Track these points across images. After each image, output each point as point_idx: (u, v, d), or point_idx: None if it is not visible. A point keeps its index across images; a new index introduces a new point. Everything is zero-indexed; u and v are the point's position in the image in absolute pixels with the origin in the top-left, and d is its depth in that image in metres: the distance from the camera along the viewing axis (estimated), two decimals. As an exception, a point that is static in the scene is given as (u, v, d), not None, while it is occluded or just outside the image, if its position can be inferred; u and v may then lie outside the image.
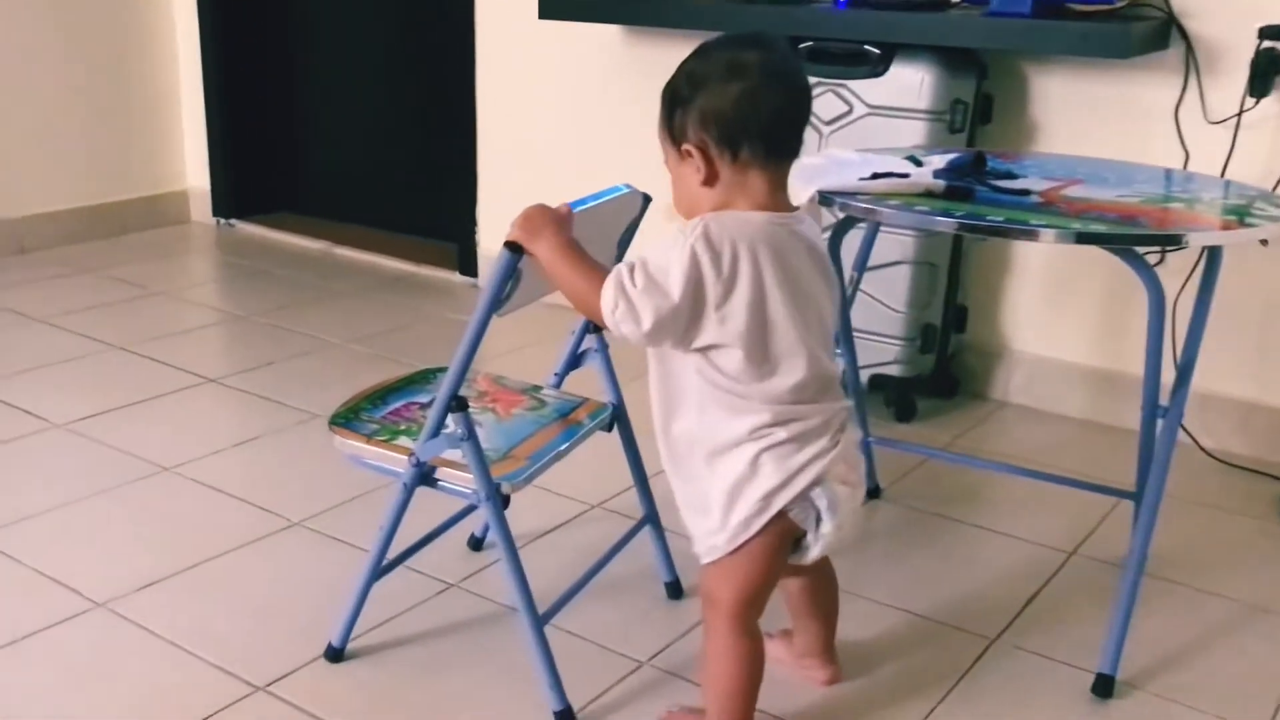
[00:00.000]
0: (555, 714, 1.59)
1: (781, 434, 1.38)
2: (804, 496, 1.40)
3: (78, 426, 2.49)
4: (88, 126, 3.85)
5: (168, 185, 4.13)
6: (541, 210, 1.43)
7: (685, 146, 1.37)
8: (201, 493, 2.23)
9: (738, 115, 1.35)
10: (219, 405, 2.67)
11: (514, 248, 1.41)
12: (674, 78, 1.40)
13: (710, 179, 1.38)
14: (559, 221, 1.43)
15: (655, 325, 1.33)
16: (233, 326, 3.20)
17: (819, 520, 1.42)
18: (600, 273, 1.37)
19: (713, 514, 1.42)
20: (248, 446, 2.44)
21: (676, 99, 1.38)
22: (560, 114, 3.27)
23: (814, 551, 1.45)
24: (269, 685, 1.66)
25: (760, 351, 1.36)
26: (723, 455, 1.40)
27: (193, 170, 4.17)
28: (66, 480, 2.25)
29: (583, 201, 1.51)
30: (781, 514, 1.40)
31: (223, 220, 4.16)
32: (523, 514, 2.12)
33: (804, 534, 1.44)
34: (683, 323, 1.34)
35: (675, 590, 1.91)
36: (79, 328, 3.08)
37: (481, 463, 1.53)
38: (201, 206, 4.18)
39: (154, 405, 2.62)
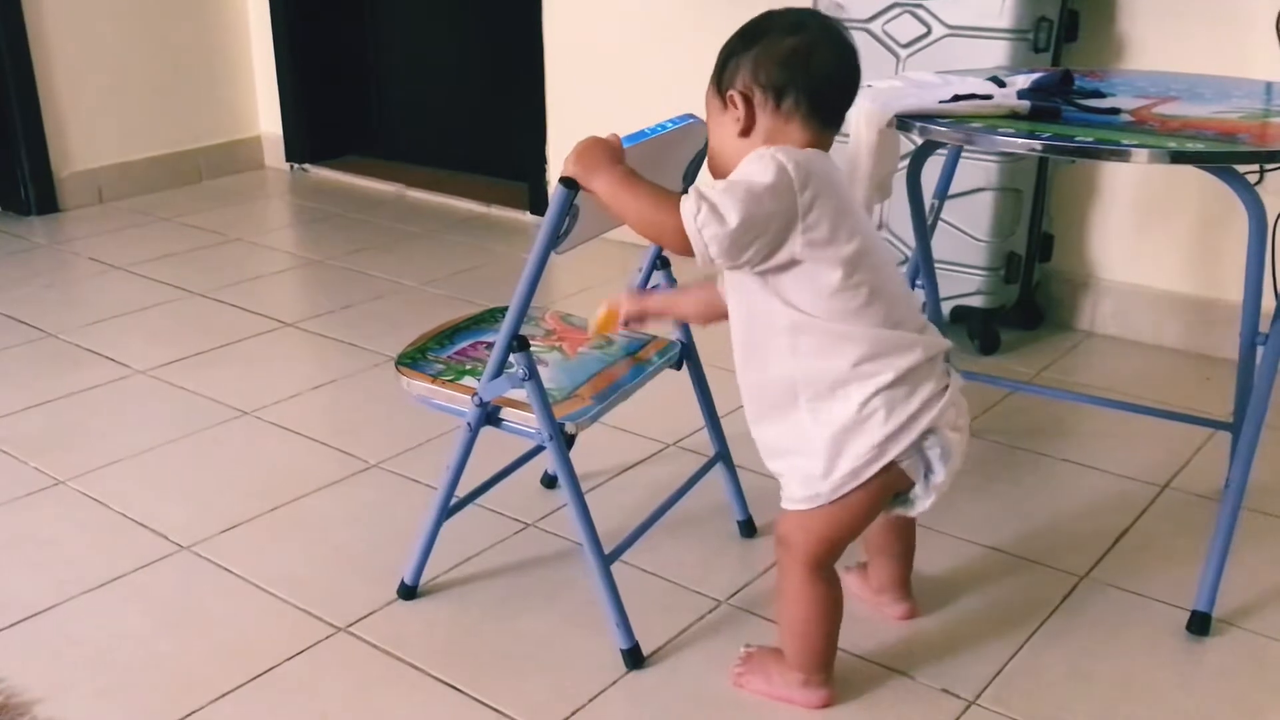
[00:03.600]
0: (623, 652, 1.58)
1: (889, 374, 1.33)
2: (916, 446, 1.35)
3: (159, 372, 2.52)
4: (161, 76, 3.88)
5: (241, 132, 4.16)
6: (596, 142, 1.38)
7: (730, 93, 1.35)
8: (281, 436, 2.25)
9: (789, 65, 1.34)
10: (297, 349, 2.69)
11: (569, 183, 1.38)
12: (732, 36, 1.39)
13: (748, 128, 1.35)
14: (615, 153, 1.38)
15: (744, 222, 1.26)
16: (309, 271, 3.22)
17: (928, 471, 1.37)
18: (668, 194, 1.33)
19: (815, 460, 1.36)
20: (326, 390, 2.46)
21: (732, 51, 1.38)
22: (628, 48, 3.21)
23: (923, 503, 1.41)
24: (350, 626, 1.67)
25: (848, 261, 1.31)
26: (826, 398, 1.35)
27: (265, 116, 4.18)
28: (149, 426, 2.28)
29: (643, 134, 1.46)
30: (891, 465, 1.35)
31: (296, 165, 4.18)
32: (597, 453, 2.11)
33: (908, 486, 1.39)
34: (773, 222, 1.28)
35: (748, 529, 1.89)
36: (158, 275, 3.12)
37: (544, 402, 1.51)
38: (275, 152, 4.20)
39: (233, 350, 2.65)
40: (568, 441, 1.54)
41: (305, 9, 4.02)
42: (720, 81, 1.38)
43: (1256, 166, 2.28)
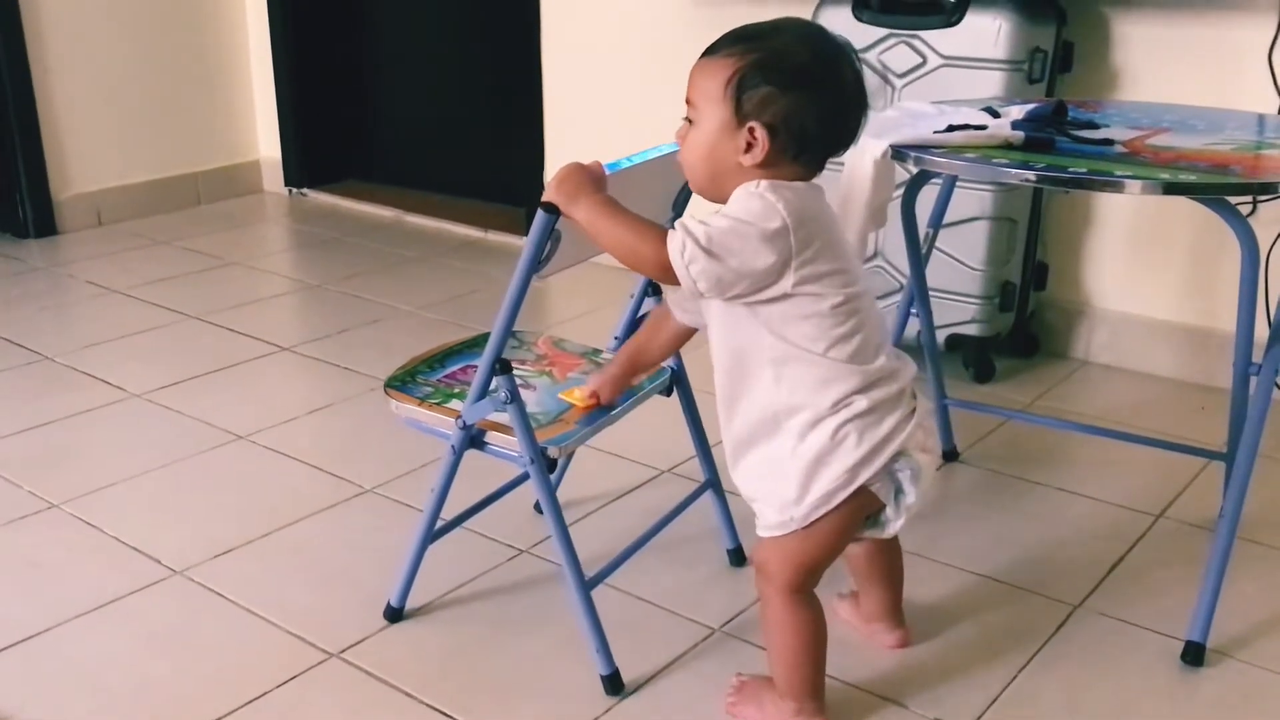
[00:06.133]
0: (603, 678, 1.58)
1: (864, 403, 1.34)
2: (887, 469, 1.36)
3: (155, 396, 2.52)
4: (160, 100, 3.89)
5: (240, 156, 4.17)
6: (577, 169, 1.38)
7: (752, 125, 1.29)
8: (276, 460, 2.25)
9: (826, 125, 1.32)
10: (293, 373, 2.69)
11: (550, 208, 1.38)
12: (763, 53, 1.29)
13: (761, 163, 1.30)
14: (596, 180, 1.38)
15: (732, 265, 1.27)
16: (306, 295, 3.22)
17: (898, 492, 1.38)
18: (648, 224, 1.33)
19: (789, 486, 1.37)
20: (321, 414, 2.46)
21: (764, 77, 1.29)
22: (626, 74, 3.23)
23: (894, 525, 1.41)
24: (342, 651, 1.66)
25: (837, 294, 1.31)
26: (806, 428, 1.36)
27: (264, 141, 4.20)
28: (144, 449, 2.28)
29: (626, 161, 1.46)
30: (862, 488, 1.36)
31: (294, 190, 4.19)
32: (591, 478, 2.11)
33: (879, 509, 1.40)
34: (762, 262, 1.27)
35: (738, 556, 1.88)
36: (155, 298, 3.13)
37: (526, 425, 1.51)
38: (273, 177, 4.21)
39: (229, 374, 2.65)
40: (551, 466, 1.53)
41: (305, 34, 4.04)
42: (739, 101, 1.29)
43: (1249, 198, 2.30)
